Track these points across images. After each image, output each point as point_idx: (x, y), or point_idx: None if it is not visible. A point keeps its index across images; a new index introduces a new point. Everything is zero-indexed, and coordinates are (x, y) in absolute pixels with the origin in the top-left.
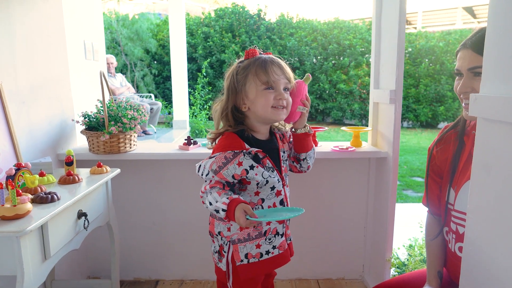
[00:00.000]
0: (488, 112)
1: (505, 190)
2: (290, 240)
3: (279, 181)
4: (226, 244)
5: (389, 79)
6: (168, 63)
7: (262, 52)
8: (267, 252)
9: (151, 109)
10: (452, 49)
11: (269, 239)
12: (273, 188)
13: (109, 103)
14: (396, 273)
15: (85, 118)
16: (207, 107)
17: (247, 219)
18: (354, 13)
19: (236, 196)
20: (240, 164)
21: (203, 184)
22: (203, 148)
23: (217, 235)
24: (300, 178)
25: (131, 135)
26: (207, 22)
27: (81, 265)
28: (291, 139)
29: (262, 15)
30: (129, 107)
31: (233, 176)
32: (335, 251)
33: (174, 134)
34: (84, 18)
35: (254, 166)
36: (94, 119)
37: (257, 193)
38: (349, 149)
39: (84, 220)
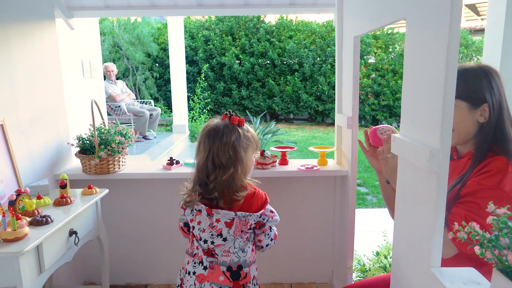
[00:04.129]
0: (403, 153)
1: (415, 217)
2: None
3: None
4: (256, 284)
5: (348, 106)
6: (169, 66)
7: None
8: None
9: (151, 114)
10: None
11: None
12: None
13: (100, 127)
14: (359, 278)
15: (79, 141)
16: (206, 111)
17: None
18: None
19: None
20: None
21: (269, 238)
22: (185, 167)
23: (251, 281)
24: (275, 193)
25: (119, 157)
26: (208, 25)
27: (78, 272)
28: None
29: (261, 18)
30: (118, 133)
31: None
32: (307, 258)
33: (174, 139)
34: (82, 38)
35: None
36: (87, 142)
37: None
38: (314, 168)
39: (75, 237)
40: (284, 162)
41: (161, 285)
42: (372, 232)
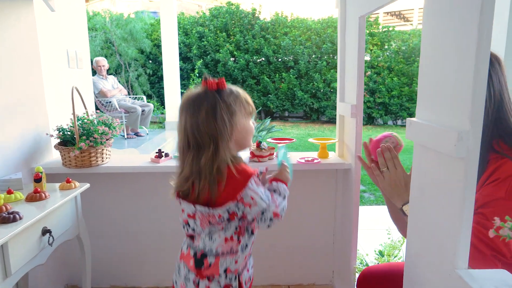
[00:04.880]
0: (421, 138)
1: (435, 212)
2: None
3: None
4: (235, 279)
5: (352, 94)
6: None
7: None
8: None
9: (143, 111)
10: None
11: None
12: None
13: (83, 117)
14: None
15: (59, 132)
16: None
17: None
18: None
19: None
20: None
21: (271, 209)
22: (175, 160)
23: (221, 275)
24: None
25: (102, 149)
26: (202, 21)
27: (59, 274)
28: None
29: (256, 14)
30: (101, 123)
31: None
32: (306, 257)
33: (166, 135)
34: (67, 27)
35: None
36: (68, 133)
37: None
38: (315, 161)
39: (49, 237)
40: None
41: None
42: (371, 230)
